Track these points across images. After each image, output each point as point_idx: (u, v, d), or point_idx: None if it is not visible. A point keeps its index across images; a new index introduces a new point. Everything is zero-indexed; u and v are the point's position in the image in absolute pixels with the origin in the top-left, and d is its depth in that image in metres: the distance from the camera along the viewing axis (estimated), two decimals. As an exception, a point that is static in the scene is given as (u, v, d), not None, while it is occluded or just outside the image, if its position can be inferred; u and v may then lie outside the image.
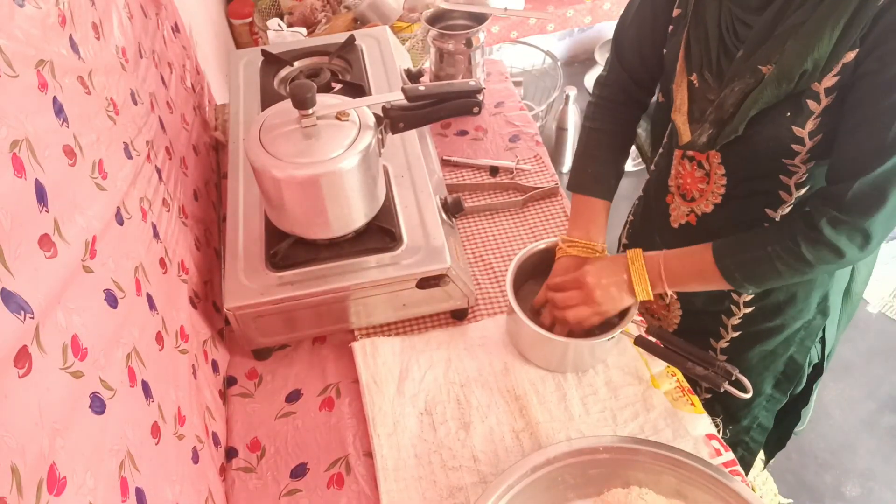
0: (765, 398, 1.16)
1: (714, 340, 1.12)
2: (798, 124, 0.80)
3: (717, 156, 0.92)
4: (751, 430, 1.20)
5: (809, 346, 1.09)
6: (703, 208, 0.99)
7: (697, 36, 0.88)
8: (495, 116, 1.47)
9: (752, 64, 0.79)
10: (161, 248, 0.89)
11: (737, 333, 1.09)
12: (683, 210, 1.03)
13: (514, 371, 1.00)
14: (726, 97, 0.83)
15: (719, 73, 0.86)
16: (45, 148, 0.60)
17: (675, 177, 1.03)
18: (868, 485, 1.88)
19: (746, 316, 1.06)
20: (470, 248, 1.20)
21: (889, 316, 2.30)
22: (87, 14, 0.80)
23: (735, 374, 0.86)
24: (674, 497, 0.84)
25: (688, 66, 0.91)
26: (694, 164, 0.97)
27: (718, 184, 0.94)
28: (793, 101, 0.79)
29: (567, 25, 2.50)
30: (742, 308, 1.05)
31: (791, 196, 0.90)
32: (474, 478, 0.89)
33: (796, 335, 1.07)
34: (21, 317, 0.50)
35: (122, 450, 0.63)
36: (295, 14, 1.95)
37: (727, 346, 1.11)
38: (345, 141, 0.90)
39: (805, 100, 0.78)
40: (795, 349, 1.09)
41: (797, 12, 0.75)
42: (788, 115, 0.80)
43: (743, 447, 1.22)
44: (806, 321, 1.05)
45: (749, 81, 0.80)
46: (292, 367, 1.06)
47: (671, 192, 1.05)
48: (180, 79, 1.27)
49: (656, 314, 1.21)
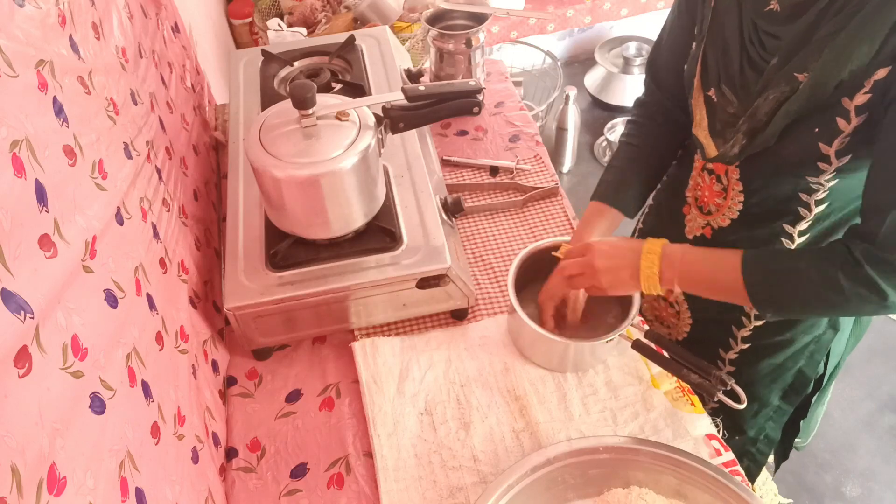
0: (772, 409, 1.14)
1: (723, 351, 1.10)
2: (825, 141, 0.78)
3: (735, 171, 0.91)
4: (757, 442, 1.18)
5: (819, 360, 1.07)
6: (719, 222, 0.97)
7: (715, 51, 0.87)
8: (495, 116, 1.47)
9: (787, 72, 0.77)
10: (161, 248, 0.89)
11: (746, 345, 1.07)
12: (699, 222, 1.01)
13: (514, 371, 1.00)
14: (759, 106, 0.81)
15: (743, 85, 0.84)
16: (45, 148, 0.60)
17: (694, 188, 1.01)
18: (868, 485, 1.88)
19: (757, 328, 1.04)
20: (470, 248, 1.20)
21: (889, 316, 2.30)
22: (87, 14, 0.80)
23: (730, 385, 0.86)
24: (674, 497, 0.84)
25: (704, 81, 0.90)
26: (713, 178, 0.95)
27: (736, 199, 0.93)
28: (822, 116, 0.77)
29: (567, 25, 2.51)
30: (753, 320, 1.03)
31: (810, 213, 0.88)
32: (474, 478, 0.89)
33: (806, 349, 1.05)
34: (21, 317, 0.50)
35: (122, 450, 0.63)
36: (295, 14, 1.95)
37: (736, 357, 1.09)
38: (345, 141, 0.90)
39: (835, 117, 0.76)
40: (805, 362, 1.07)
41: (834, 20, 0.73)
42: (817, 130, 0.78)
43: (749, 458, 1.20)
44: (816, 335, 1.03)
45: (784, 90, 0.78)
46: (292, 367, 1.06)
47: (688, 202, 1.03)
48: (180, 79, 1.27)
49: (666, 322, 1.19)
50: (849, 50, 0.72)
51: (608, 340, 0.94)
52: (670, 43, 1.00)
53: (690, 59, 0.93)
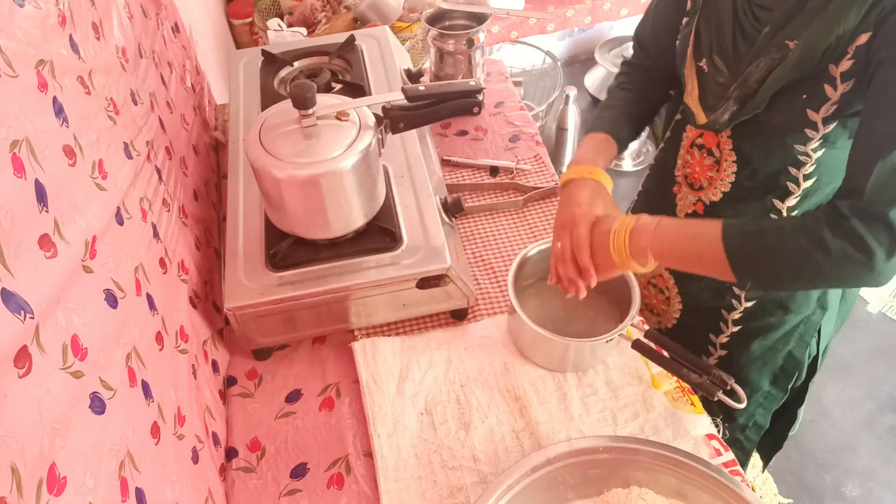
0: (762, 395, 1.16)
1: (714, 335, 1.13)
2: (813, 108, 0.81)
3: (728, 142, 0.94)
4: (746, 429, 1.20)
5: (808, 341, 1.10)
6: (710, 197, 1.00)
7: (708, 24, 0.91)
8: (495, 116, 1.47)
9: (779, 40, 0.81)
10: (161, 248, 0.89)
11: (737, 328, 1.09)
12: (691, 199, 1.04)
13: (514, 371, 1.00)
14: (750, 73, 0.84)
15: (735, 56, 0.88)
16: (45, 148, 0.60)
17: (683, 166, 1.04)
18: (868, 485, 1.88)
19: (747, 311, 1.06)
20: (470, 248, 1.20)
21: (889, 316, 2.30)
22: (87, 14, 0.80)
23: (730, 384, 0.87)
24: (674, 497, 0.84)
25: (696, 52, 0.94)
26: (703, 153, 0.99)
27: (728, 171, 0.96)
28: (810, 83, 0.80)
29: (567, 25, 2.51)
30: (743, 302, 1.06)
31: (799, 188, 0.91)
32: (474, 478, 0.89)
33: (796, 330, 1.08)
34: (21, 317, 0.50)
35: (122, 450, 0.63)
36: (295, 14, 1.95)
37: (727, 340, 1.11)
38: (345, 141, 0.90)
39: (822, 84, 0.79)
40: (794, 344, 1.09)
41: None
42: (804, 97, 0.81)
43: (737, 446, 1.22)
44: (806, 315, 1.06)
45: (775, 57, 0.81)
46: (292, 367, 1.06)
47: (678, 182, 1.06)
48: (180, 79, 1.27)
49: (655, 309, 1.21)
50: (838, 16, 0.74)
51: (608, 340, 0.94)
52: (657, 14, 1.05)
53: (683, 33, 0.97)
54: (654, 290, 1.19)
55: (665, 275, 1.16)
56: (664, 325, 1.21)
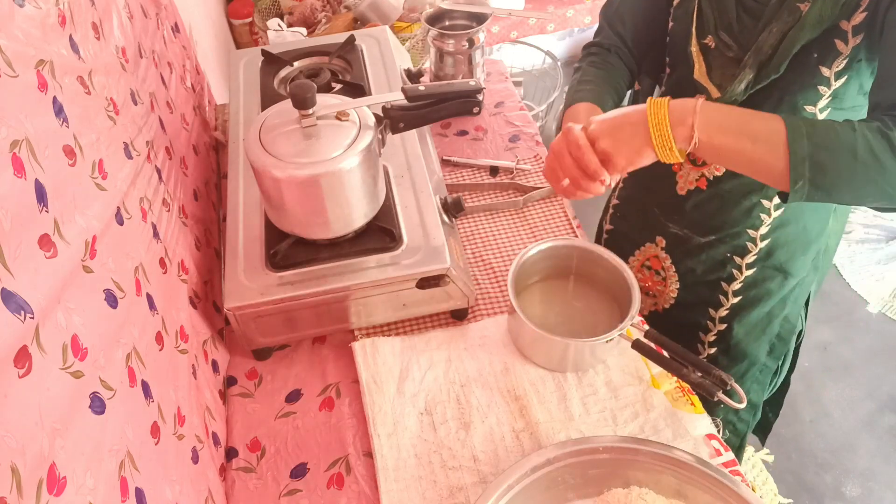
0: (759, 368, 1.17)
1: (713, 309, 1.14)
2: (825, 64, 0.83)
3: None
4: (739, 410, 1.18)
5: (801, 303, 1.12)
6: (714, 171, 1.01)
7: (710, 2, 0.92)
8: (495, 116, 1.47)
9: (790, 4, 0.82)
10: (161, 248, 0.89)
11: (737, 299, 1.10)
12: (693, 176, 1.04)
13: (514, 371, 1.00)
14: (764, 40, 0.85)
15: (741, 29, 0.90)
16: (45, 148, 0.60)
17: None
18: (868, 485, 1.88)
19: (748, 279, 1.07)
20: (470, 248, 1.20)
21: (889, 316, 2.30)
22: (87, 14, 0.80)
23: (730, 384, 0.87)
24: (674, 497, 0.84)
25: (699, 30, 0.95)
26: None
27: None
28: (821, 41, 0.82)
29: (567, 25, 2.50)
30: (744, 271, 1.07)
31: None
32: (474, 478, 0.89)
33: (792, 293, 1.09)
34: (21, 317, 0.50)
35: (122, 450, 0.63)
36: (295, 14, 1.95)
37: (726, 314, 1.12)
38: (345, 141, 0.90)
39: (833, 39, 0.81)
40: (790, 308, 1.11)
41: None
42: (816, 55, 0.83)
43: (730, 429, 1.22)
44: (801, 278, 1.08)
45: (788, 20, 0.82)
46: (292, 367, 1.06)
47: None
48: (180, 79, 1.27)
49: (651, 291, 1.21)
50: None
51: (608, 340, 0.94)
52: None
53: (677, 13, 0.98)
54: (649, 272, 1.20)
55: (661, 255, 1.16)
56: (661, 306, 1.21)
